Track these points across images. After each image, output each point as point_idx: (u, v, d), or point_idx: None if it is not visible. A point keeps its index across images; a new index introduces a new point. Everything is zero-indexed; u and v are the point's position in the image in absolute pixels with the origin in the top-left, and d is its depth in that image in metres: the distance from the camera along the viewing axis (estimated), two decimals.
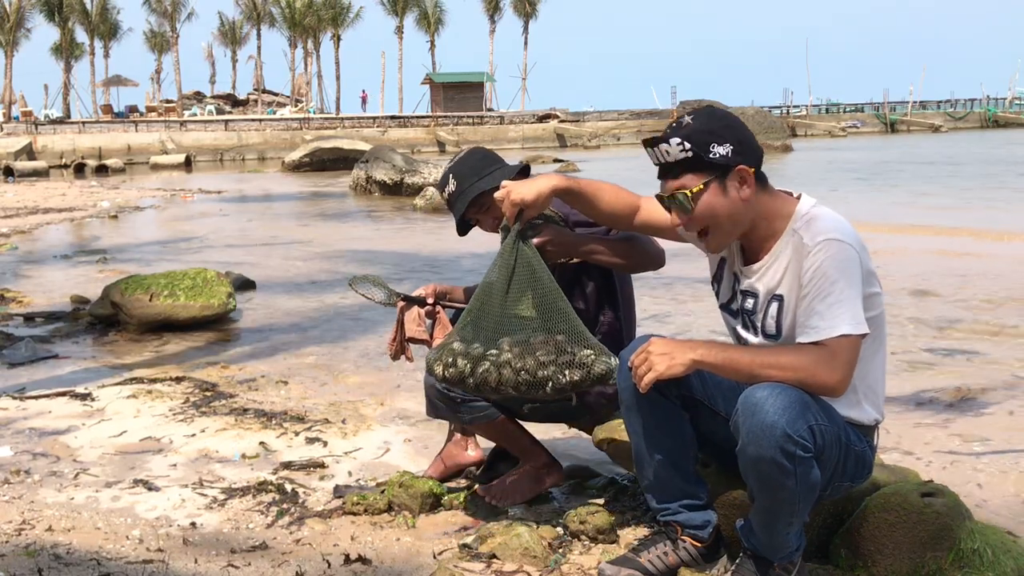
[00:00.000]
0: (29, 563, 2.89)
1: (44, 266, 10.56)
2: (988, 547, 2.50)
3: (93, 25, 63.24)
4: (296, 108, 61.61)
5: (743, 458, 2.36)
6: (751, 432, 2.30)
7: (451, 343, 2.81)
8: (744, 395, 2.35)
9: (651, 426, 2.60)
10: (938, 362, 5.63)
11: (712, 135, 2.41)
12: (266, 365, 5.77)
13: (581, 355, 2.65)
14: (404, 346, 3.42)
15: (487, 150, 3.36)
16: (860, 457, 2.50)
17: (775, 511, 2.39)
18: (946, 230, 12.15)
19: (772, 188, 2.51)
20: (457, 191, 3.22)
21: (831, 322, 2.32)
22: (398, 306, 3.41)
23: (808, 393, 2.33)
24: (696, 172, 2.42)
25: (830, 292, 2.33)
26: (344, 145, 33.53)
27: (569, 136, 48.67)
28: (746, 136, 2.46)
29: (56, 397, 4.93)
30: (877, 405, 2.54)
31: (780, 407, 2.27)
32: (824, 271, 2.34)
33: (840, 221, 2.43)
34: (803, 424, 2.28)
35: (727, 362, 2.39)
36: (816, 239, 2.37)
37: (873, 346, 2.47)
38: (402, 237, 13.36)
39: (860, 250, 2.39)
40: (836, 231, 2.38)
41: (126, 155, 40.15)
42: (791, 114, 60.73)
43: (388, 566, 2.87)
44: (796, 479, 2.30)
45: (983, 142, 39.92)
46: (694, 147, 2.39)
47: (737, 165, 2.41)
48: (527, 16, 68.96)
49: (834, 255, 2.34)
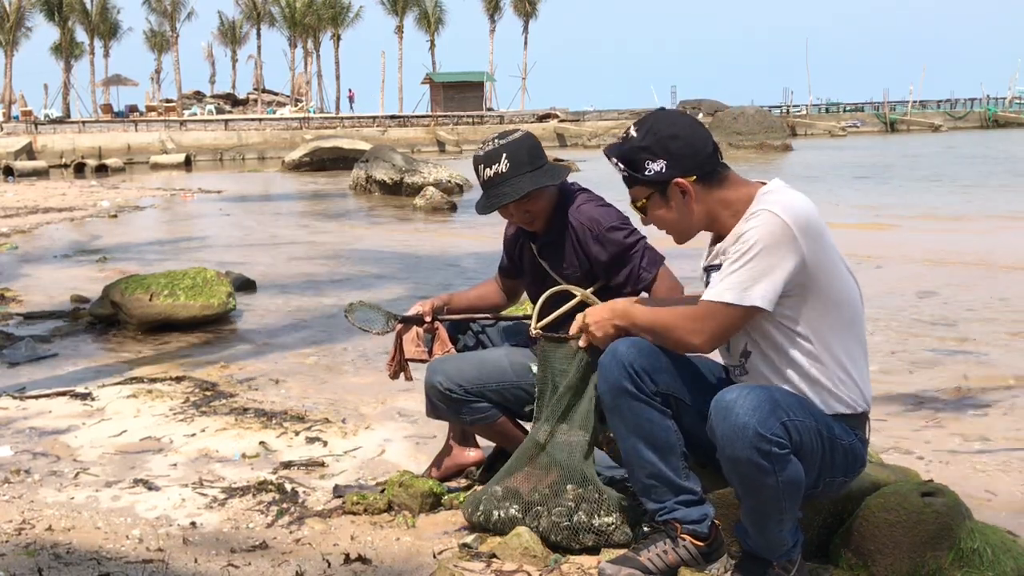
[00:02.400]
0: (29, 563, 2.89)
1: (44, 266, 10.56)
2: (988, 547, 2.50)
3: (93, 25, 63.23)
4: (296, 108, 61.60)
5: (722, 461, 2.40)
6: (725, 435, 2.34)
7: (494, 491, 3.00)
8: (715, 400, 2.39)
9: (634, 427, 2.61)
10: (938, 362, 5.63)
11: (645, 151, 2.50)
12: (266, 365, 5.77)
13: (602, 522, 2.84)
14: (403, 366, 3.42)
15: (537, 139, 3.21)
16: (849, 450, 2.50)
17: (763, 511, 2.41)
18: (948, 229, 12.15)
19: (732, 179, 2.55)
20: (509, 174, 3.08)
21: (720, 287, 2.42)
22: (396, 329, 3.39)
23: (778, 390, 2.41)
24: (638, 186, 2.56)
25: (740, 259, 2.40)
26: (344, 145, 33.52)
27: (569, 136, 48.68)
28: (683, 146, 2.50)
29: (56, 397, 4.93)
30: (858, 394, 2.53)
31: (749, 407, 2.31)
32: (746, 238, 2.40)
33: (794, 200, 2.43)
34: (774, 421, 2.31)
35: (640, 324, 2.60)
36: (756, 207, 2.43)
37: (840, 334, 2.48)
38: (402, 237, 13.37)
39: (800, 229, 2.37)
40: (779, 205, 2.40)
41: (126, 155, 40.15)
42: (791, 114, 60.73)
43: (388, 566, 2.87)
44: (776, 477, 2.33)
45: (984, 141, 39.91)
46: (627, 168, 2.54)
47: (672, 179, 2.49)
48: (527, 16, 68.95)
49: (761, 225, 2.38)
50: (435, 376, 3.26)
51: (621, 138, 2.59)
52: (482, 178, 3.15)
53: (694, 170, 2.50)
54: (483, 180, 3.15)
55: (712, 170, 2.52)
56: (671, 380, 2.60)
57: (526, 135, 3.18)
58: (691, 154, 2.50)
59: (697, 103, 57.33)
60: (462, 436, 3.56)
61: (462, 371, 3.24)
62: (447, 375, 3.24)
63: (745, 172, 2.66)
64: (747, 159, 30.12)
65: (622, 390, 2.59)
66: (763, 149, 34.84)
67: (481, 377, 3.23)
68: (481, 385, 3.23)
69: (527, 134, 3.19)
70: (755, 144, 35.18)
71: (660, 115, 2.57)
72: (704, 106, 55.83)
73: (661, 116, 2.56)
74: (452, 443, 3.58)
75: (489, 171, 3.12)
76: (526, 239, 3.33)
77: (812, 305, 2.44)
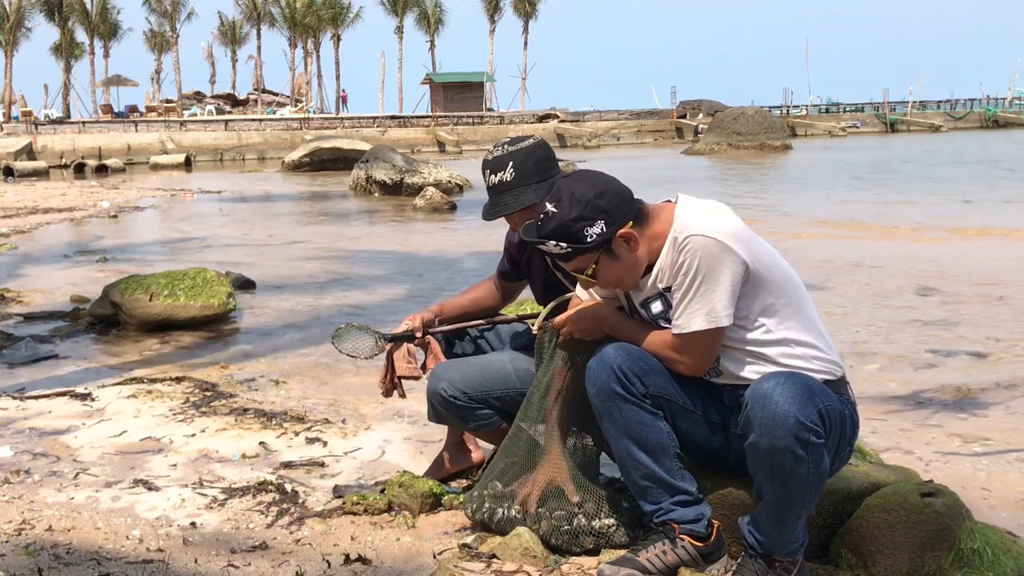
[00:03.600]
0: (29, 563, 2.89)
1: (44, 266, 10.56)
2: (988, 547, 2.50)
3: (93, 25, 63.20)
4: (296, 108, 61.60)
5: (755, 452, 2.39)
6: (763, 424, 2.34)
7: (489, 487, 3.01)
8: (752, 388, 2.42)
9: (626, 429, 2.62)
10: (938, 362, 5.63)
11: (580, 220, 2.51)
12: (266, 365, 5.77)
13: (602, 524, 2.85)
14: (396, 383, 3.35)
15: (551, 148, 3.15)
16: (850, 419, 2.55)
17: (787, 502, 2.42)
18: (948, 230, 12.15)
19: (650, 211, 2.60)
20: (513, 184, 3.02)
21: (686, 319, 2.52)
22: (386, 349, 3.33)
23: (807, 376, 2.44)
24: (580, 256, 2.56)
25: (690, 288, 2.49)
26: (344, 145, 33.51)
27: (569, 136, 48.66)
28: (612, 197, 2.54)
29: (56, 397, 4.93)
30: (831, 361, 2.57)
31: (790, 395, 2.34)
32: (687, 267, 2.48)
33: (711, 214, 2.53)
34: (812, 409, 2.34)
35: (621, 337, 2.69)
36: (683, 234, 2.49)
37: (793, 310, 2.54)
38: (402, 237, 13.36)
39: (732, 238, 2.46)
40: (702, 226, 2.48)
41: (126, 155, 40.12)
42: (791, 114, 60.68)
43: (388, 566, 2.87)
44: (808, 466, 2.35)
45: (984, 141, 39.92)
46: (570, 243, 2.53)
47: (615, 235, 2.52)
48: (527, 16, 68.94)
49: (694, 250, 2.46)
50: (439, 383, 3.23)
51: (538, 220, 2.57)
52: (488, 184, 3.10)
53: (629, 216, 2.55)
54: (488, 186, 3.10)
55: (638, 210, 2.58)
56: (661, 381, 2.62)
57: (538, 145, 3.08)
58: (620, 203, 2.54)
59: (697, 103, 57.38)
60: (462, 438, 3.56)
61: (466, 378, 3.22)
62: (451, 382, 3.21)
63: (745, 172, 2.66)
64: (747, 159, 30.12)
65: (611, 393, 2.60)
66: (763, 149, 34.80)
67: (486, 384, 3.21)
68: (485, 392, 3.21)
69: (539, 143, 3.09)
70: (755, 144, 35.14)
71: (569, 182, 2.57)
72: (704, 106, 55.92)
73: (572, 182, 2.56)
74: (452, 444, 3.57)
75: (494, 178, 3.06)
76: (535, 248, 3.28)
77: (762, 297, 2.52)
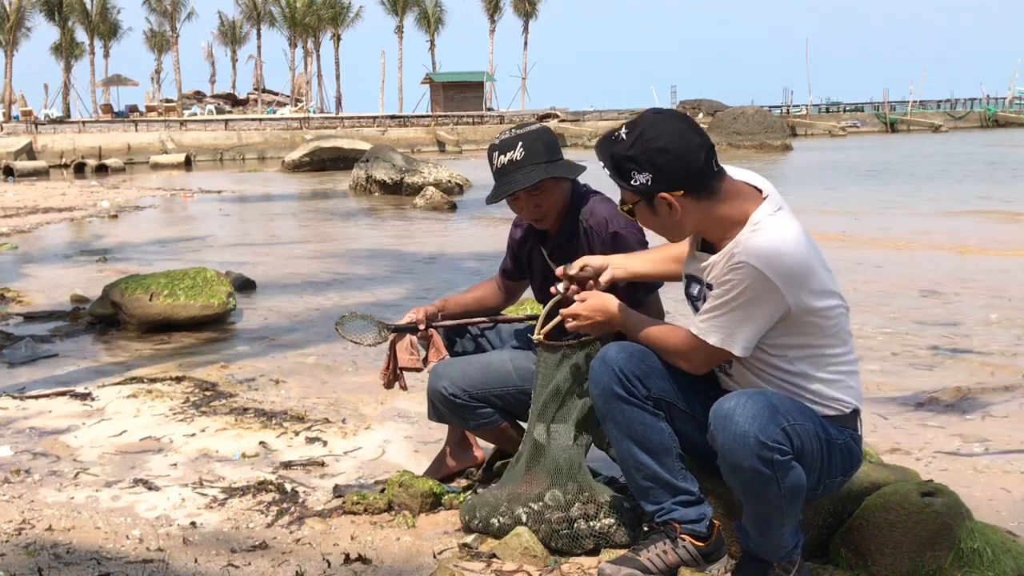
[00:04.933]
0: (29, 563, 2.89)
1: (44, 266, 10.56)
2: (988, 547, 2.50)
3: (93, 25, 63.23)
4: (296, 108, 61.60)
5: (724, 468, 2.40)
6: (726, 444, 2.34)
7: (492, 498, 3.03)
8: (714, 408, 2.40)
9: (628, 430, 2.62)
10: (938, 362, 5.63)
11: (631, 162, 2.42)
12: (266, 365, 5.77)
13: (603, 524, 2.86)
14: (397, 375, 3.37)
15: (553, 134, 3.17)
16: (845, 449, 2.50)
17: (766, 514, 2.42)
18: (948, 230, 12.15)
19: (727, 192, 2.44)
20: (523, 162, 3.02)
21: (707, 328, 2.47)
22: (389, 339, 3.35)
23: (775, 395, 2.40)
24: (627, 190, 2.50)
25: (724, 306, 2.42)
26: (344, 145, 33.52)
27: (569, 136, 48.60)
28: (671, 160, 2.38)
29: (56, 397, 4.93)
30: (847, 394, 2.51)
31: (749, 415, 2.31)
32: (731, 287, 2.39)
33: (779, 243, 2.36)
34: (775, 428, 2.31)
35: (630, 332, 2.69)
36: (741, 256, 2.36)
37: (823, 341, 2.46)
38: (402, 237, 13.36)
39: (783, 279, 2.34)
40: (763, 256, 2.34)
41: (126, 155, 40.13)
42: (791, 114, 60.73)
43: (388, 566, 2.87)
44: (778, 484, 2.33)
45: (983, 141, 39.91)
46: (615, 173, 2.47)
47: (658, 193, 2.42)
48: (527, 16, 68.97)
49: (742, 279, 2.36)
50: (440, 381, 3.23)
51: (612, 137, 2.47)
52: (495, 166, 3.07)
53: (681, 185, 2.40)
54: (496, 168, 3.07)
55: (702, 184, 2.41)
56: (663, 384, 2.61)
57: (544, 128, 3.12)
58: (678, 169, 2.38)
59: (697, 103, 57.34)
60: (462, 437, 3.56)
61: (467, 376, 3.22)
62: (452, 380, 3.21)
63: None
64: (747, 159, 30.10)
65: (613, 395, 2.59)
66: (763, 149, 34.82)
67: (486, 382, 3.21)
68: (486, 390, 3.22)
69: (545, 128, 3.13)
70: (755, 144, 35.16)
71: (651, 122, 2.42)
72: (704, 106, 55.85)
73: (652, 123, 2.41)
74: (452, 443, 3.57)
75: (503, 158, 3.04)
76: (536, 241, 3.29)
77: (796, 333, 2.44)
